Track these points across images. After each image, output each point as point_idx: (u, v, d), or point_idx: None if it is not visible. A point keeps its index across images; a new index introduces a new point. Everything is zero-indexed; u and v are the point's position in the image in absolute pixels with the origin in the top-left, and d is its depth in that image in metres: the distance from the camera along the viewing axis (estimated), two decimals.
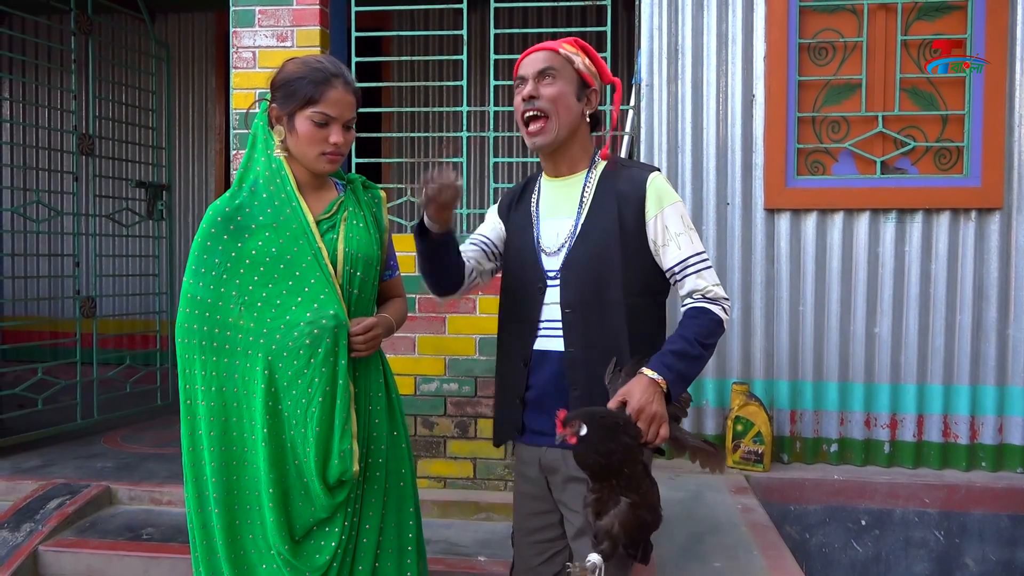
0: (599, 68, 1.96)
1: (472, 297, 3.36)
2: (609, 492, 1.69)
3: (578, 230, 1.89)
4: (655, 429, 1.69)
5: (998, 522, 3.39)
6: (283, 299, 1.82)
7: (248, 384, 1.82)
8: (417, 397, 3.41)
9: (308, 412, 1.79)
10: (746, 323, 3.65)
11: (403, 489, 1.99)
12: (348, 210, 1.94)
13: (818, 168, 3.64)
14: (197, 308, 1.83)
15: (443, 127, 6.23)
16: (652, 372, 1.72)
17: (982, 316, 3.54)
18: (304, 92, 1.83)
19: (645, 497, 1.70)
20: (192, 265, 1.85)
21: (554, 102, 1.87)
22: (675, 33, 3.65)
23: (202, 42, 6.61)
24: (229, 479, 1.83)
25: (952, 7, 3.53)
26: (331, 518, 1.84)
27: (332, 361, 1.80)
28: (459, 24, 3.69)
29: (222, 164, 6.55)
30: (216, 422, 1.82)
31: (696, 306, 1.83)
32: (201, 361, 1.83)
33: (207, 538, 1.85)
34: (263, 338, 1.81)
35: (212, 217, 1.86)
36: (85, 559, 2.95)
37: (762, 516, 3.17)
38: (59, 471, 3.66)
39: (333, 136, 1.86)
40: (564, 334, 1.88)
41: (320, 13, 3.43)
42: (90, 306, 4.50)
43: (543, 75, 1.88)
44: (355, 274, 1.91)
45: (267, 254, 1.83)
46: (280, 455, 1.81)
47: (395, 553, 1.95)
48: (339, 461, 1.79)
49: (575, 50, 1.92)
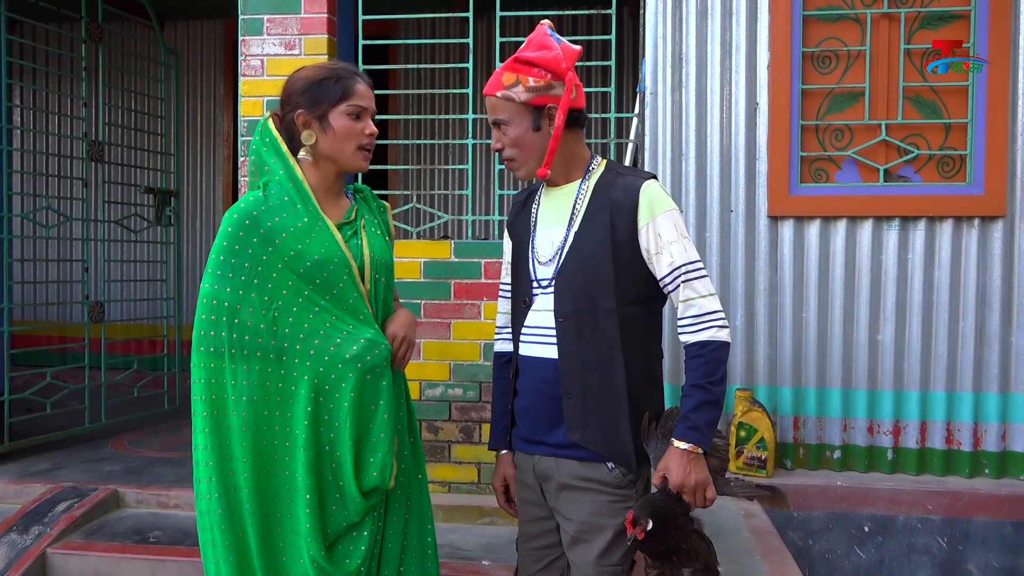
0: (552, 70, 1.84)
1: (477, 303, 3.39)
2: (671, 568, 1.80)
3: (571, 239, 1.89)
4: (701, 496, 1.79)
5: (1001, 529, 3.39)
6: (322, 307, 1.80)
7: (284, 391, 1.79)
8: (422, 402, 3.43)
9: (349, 418, 1.79)
10: (749, 329, 3.66)
11: (421, 493, 2.01)
12: (364, 217, 1.96)
13: (821, 176, 3.66)
14: (224, 312, 1.76)
15: (449, 134, 6.27)
16: (681, 443, 1.77)
17: (985, 323, 3.54)
18: (335, 89, 1.85)
19: (704, 561, 1.81)
20: (215, 269, 1.78)
21: (515, 147, 1.89)
22: (679, 42, 3.67)
23: (211, 49, 6.66)
24: (262, 488, 1.78)
25: (955, 16, 3.55)
26: (360, 523, 1.84)
27: (379, 374, 1.83)
28: (465, 32, 3.73)
29: (230, 170, 6.59)
30: (248, 432, 1.76)
31: (694, 342, 1.83)
32: (232, 370, 1.77)
33: (242, 550, 1.79)
34: (300, 344, 1.78)
35: (239, 219, 1.80)
36: (93, 562, 2.97)
37: (765, 522, 3.18)
38: (67, 475, 3.69)
39: (368, 127, 1.90)
40: (558, 343, 1.88)
41: (328, 21, 3.47)
42: (99, 311, 4.53)
43: (498, 126, 1.90)
44: (381, 280, 1.92)
45: (302, 263, 1.79)
46: (319, 460, 1.79)
47: (418, 557, 1.97)
48: (379, 473, 1.81)
49: (512, 79, 1.85)
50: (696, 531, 1.85)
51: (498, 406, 2.09)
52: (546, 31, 1.89)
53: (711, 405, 1.79)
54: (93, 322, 4.51)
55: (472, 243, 3.45)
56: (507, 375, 2.05)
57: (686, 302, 1.83)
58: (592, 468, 1.87)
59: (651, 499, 1.79)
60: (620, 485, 1.86)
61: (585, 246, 1.87)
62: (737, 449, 3.50)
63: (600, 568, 1.85)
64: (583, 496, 1.87)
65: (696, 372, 1.81)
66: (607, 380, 1.85)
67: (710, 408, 1.79)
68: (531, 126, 1.87)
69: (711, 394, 1.79)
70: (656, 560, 1.81)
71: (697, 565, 1.80)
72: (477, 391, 3.40)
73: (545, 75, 1.84)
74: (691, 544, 1.81)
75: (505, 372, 2.07)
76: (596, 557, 1.85)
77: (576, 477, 1.88)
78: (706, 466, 1.79)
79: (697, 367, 1.81)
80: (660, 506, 1.76)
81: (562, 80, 1.85)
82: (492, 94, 1.88)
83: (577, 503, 1.88)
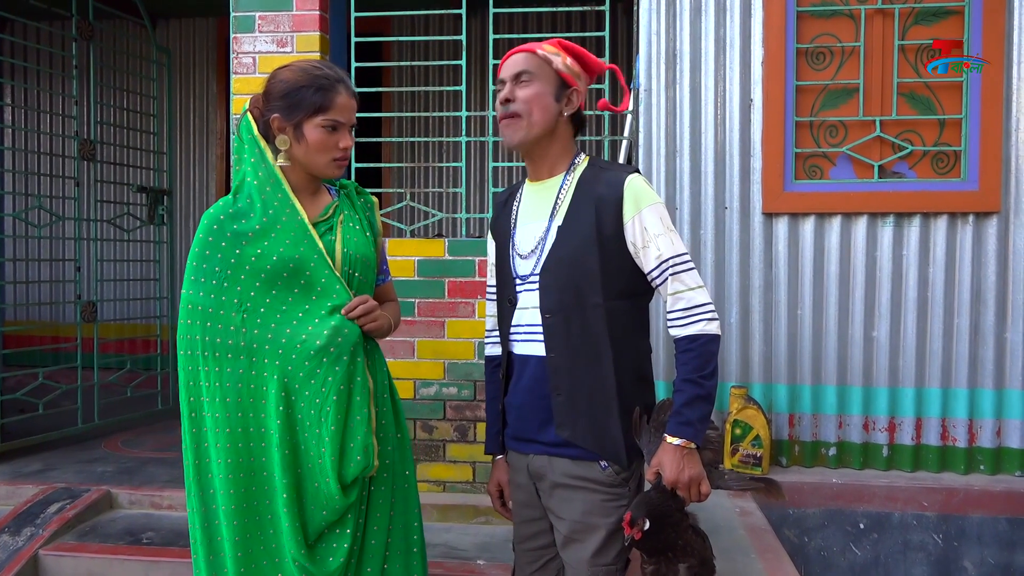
0: (587, 62, 1.94)
1: (471, 301, 3.38)
2: (667, 564, 1.80)
3: (554, 234, 1.88)
4: (695, 491, 1.79)
5: (996, 525, 3.40)
6: (289, 305, 1.82)
7: (257, 391, 1.81)
8: (416, 401, 3.42)
9: (323, 412, 1.79)
10: (744, 327, 3.66)
11: (408, 490, 2.00)
12: (344, 213, 1.96)
13: (816, 172, 3.65)
14: (198, 316, 1.81)
15: (443, 132, 6.25)
16: (674, 438, 1.77)
17: (980, 320, 3.55)
18: (312, 100, 1.83)
19: (700, 556, 1.82)
20: (191, 274, 1.84)
21: (528, 103, 1.86)
22: (673, 38, 3.66)
23: (203, 47, 6.63)
24: (240, 490, 1.80)
25: (949, 11, 3.54)
26: (342, 520, 1.84)
27: (347, 361, 1.81)
28: (459, 29, 3.71)
29: (223, 169, 6.57)
30: (222, 432, 1.80)
31: (684, 336, 1.81)
32: (205, 372, 1.81)
33: (213, 553, 1.83)
34: (268, 344, 1.80)
35: (208, 224, 1.85)
36: (85, 563, 2.96)
37: (760, 519, 3.17)
38: (60, 475, 3.67)
39: (343, 141, 1.87)
40: (545, 339, 1.87)
41: (320, 19, 3.45)
42: (91, 311, 4.51)
43: (519, 77, 1.88)
44: (354, 275, 1.92)
45: (268, 261, 1.82)
46: (294, 459, 1.80)
47: (402, 555, 1.96)
48: (363, 456, 1.80)
49: (556, 50, 1.90)
50: (691, 526, 1.85)
51: (491, 410, 2.08)
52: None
53: (703, 399, 1.78)
54: (85, 322, 4.48)
55: (466, 241, 3.44)
56: (499, 378, 2.04)
57: (674, 295, 1.82)
58: (585, 467, 1.86)
59: (647, 498, 1.78)
60: (613, 484, 1.85)
61: (570, 241, 1.86)
62: (733, 447, 3.49)
63: (594, 568, 1.84)
64: (576, 495, 1.86)
65: (687, 366, 1.80)
66: (596, 376, 1.84)
67: (702, 402, 1.78)
68: (554, 92, 1.89)
69: (702, 388, 1.78)
70: (652, 557, 1.80)
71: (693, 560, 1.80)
72: (472, 390, 3.39)
73: (580, 66, 1.92)
74: (687, 539, 1.82)
75: (496, 376, 2.06)
76: (590, 556, 1.84)
77: (569, 476, 1.87)
78: (700, 461, 1.79)
79: (688, 361, 1.80)
80: (656, 505, 1.75)
81: (589, 79, 1.96)
82: (529, 51, 1.90)
83: (570, 502, 1.87)
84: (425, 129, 6.33)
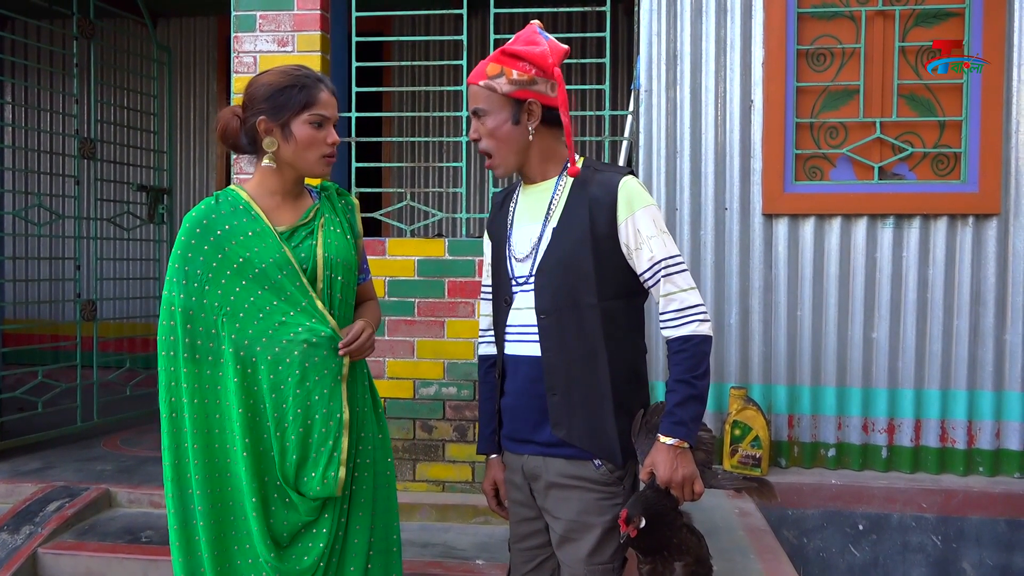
0: (538, 64, 1.83)
1: (471, 301, 3.38)
2: (663, 563, 1.81)
3: (549, 236, 1.89)
4: (688, 491, 1.80)
5: (995, 527, 3.40)
6: (267, 312, 1.83)
7: (226, 394, 1.83)
8: (416, 401, 3.42)
9: (287, 419, 1.81)
10: (744, 328, 3.66)
11: (389, 490, 2.02)
12: (325, 216, 1.97)
13: (816, 174, 3.65)
14: (179, 318, 1.83)
15: (443, 132, 6.26)
16: (667, 438, 1.78)
17: (979, 321, 3.55)
18: (298, 98, 1.85)
19: (696, 554, 1.83)
20: (171, 275, 1.85)
21: (492, 138, 1.87)
22: (674, 39, 3.66)
23: (204, 46, 6.63)
24: (215, 490, 1.83)
25: (950, 13, 3.54)
26: (317, 520, 1.86)
27: (323, 376, 1.83)
28: (459, 29, 3.71)
29: (223, 168, 6.56)
30: (199, 434, 1.83)
31: (677, 337, 1.82)
32: (185, 373, 1.83)
33: (191, 554, 1.85)
34: (243, 350, 1.82)
35: (191, 226, 1.86)
36: (84, 561, 2.96)
37: (759, 520, 3.17)
38: (59, 474, 3.67)
39: (331, 136, 1.89)
40: (540, 340, 1.88)
41: (321, 18, 3.45)
42: (91, 309, 4.51)
43: (476, 114, 1.89)
44: (336, 279, 1.92)
45: (255, 265, 1.83)
46: (259, 464, 1.83)
47: (383, 554, 1.97)
48: (322, 487, 1.82)
49: (497, 70, 1.84)
50: (686, 525, 1.86)
51: (485, 410, 2.08)
52: (535, 29, 1.89)
53: (695, 399, 1.80)
54: (85, 320, 4.48)
55: (466, 241, 3.44)
56: (492, 378, 2.05)
57: (667, 296, 1.83)
58: (579, 466, 1.86)
59: (643, 496, 1.79)
60: (607, 482, 1.86)
61: (564, 242, 1.87)
62: (732, 447, 3.49)
63: (590, 567, 1.84)
64: (571, 494, 1.87)
65: (680, 367, 1.81)
66: (591, 376, 1.85)
67: (695, 402, 1.79)
68: (510, 118, 1.85)
69: (695, 388, 1.79)
70: (648, 556, 1.81)
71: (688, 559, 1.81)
72: (471, 390, 3.38)
73: (530, 70, 1.83)
74: (682, 538, 1.82)
75: (490, 375, 2.06)
76: (586, 555, 1.84)
77: (564, 475, 1.87)
78: (693, 460, 1.80)
79: (680, 362, 1.81)
80: (652, 503, 1.76)
81: (547, 77, 1.84)
82: (475, 83, 1.87)
83: (565, 501, 1.87)
84: (425, 129, 6.33)
